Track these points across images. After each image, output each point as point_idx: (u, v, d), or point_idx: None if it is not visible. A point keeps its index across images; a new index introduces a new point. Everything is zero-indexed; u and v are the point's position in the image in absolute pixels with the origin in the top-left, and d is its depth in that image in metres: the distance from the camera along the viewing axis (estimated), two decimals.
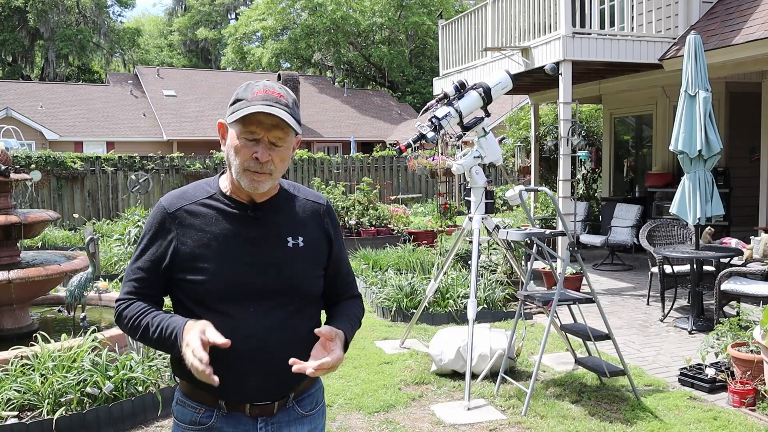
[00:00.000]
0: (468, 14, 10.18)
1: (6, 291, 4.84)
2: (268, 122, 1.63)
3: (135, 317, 1.69)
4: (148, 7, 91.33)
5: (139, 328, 1.68)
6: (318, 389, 1.87)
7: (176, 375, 1.80)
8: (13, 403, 3.72)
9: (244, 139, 1.65)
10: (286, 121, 1.63)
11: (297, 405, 1.78)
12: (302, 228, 1.77)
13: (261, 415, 1.72)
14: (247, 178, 1.66)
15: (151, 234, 1.73)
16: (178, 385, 1.81)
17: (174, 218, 1.70)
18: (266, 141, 1.65)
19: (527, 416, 4.09)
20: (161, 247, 1.70)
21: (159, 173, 15.42)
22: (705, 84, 5.87)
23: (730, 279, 5.74)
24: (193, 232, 1.68)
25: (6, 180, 5.12)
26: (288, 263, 1.69)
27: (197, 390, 1.72)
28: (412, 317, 5.88)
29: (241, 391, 1.69)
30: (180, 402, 1.77)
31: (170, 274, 1.69)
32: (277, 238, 1.72)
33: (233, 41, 38.32)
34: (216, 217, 1.70)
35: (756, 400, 4.13)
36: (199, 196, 1.74)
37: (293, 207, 1.79)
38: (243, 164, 1.65)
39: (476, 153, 5.08)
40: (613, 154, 11.71)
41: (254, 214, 1.72)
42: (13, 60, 38.68)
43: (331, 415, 4.15)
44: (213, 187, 1.76)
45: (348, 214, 11.10)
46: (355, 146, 25.94)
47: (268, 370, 1.67)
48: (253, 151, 1.64)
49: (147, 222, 1.76)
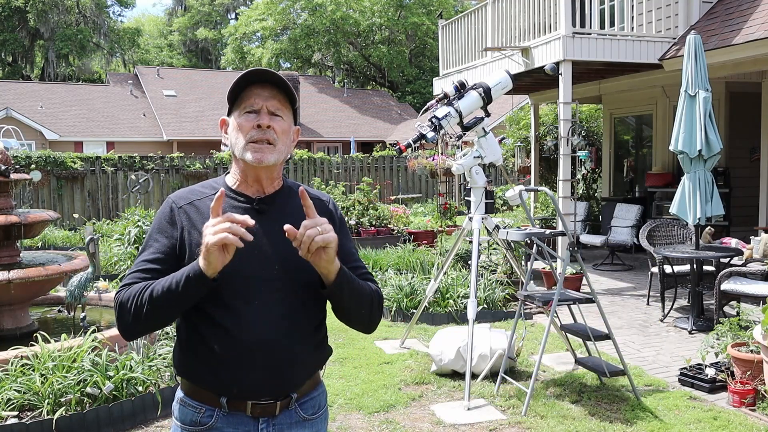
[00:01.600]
0: (468, 14, 10.18)
1: (6, 291, 4.84)
2: (265, 93, 1.72)
3: (140, 290, 1.63)
4: (148, 7, 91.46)
5: (145, 295, 1.61)
6: (321, 393, 1.85)
7: (178, 373, 1.79)
8: (13, 403, 3.72)
9: (245, 114, 1.72)
10: (281, 83, 1.71)
11: (299, 408, 1.76)
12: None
13: (263, 416, 1.71)
14: (250, 151, 1.70)
15: (158, 228, 1.75)
16: (179, 384, 1.80)
17: (182, 212, 1.74)
18: (266, 110, 1.71)
19: (527, 416, 4.09)
20: (170, 240, 1.72)
21: (159, 173, 15.42)
22: (705, 84, 5.87)
23: (730, 279, 5.74)
24: (200, 225, 1.68)
25: (6, 180, 5.12)
26: (293, 256, 1.67)
27: (199, 388, 1.71)
28: (412, 317, 5.88)
29: (243, 386, 1.67)
30: (181, 402, 1.76)
31: (177, 267, 1.67)
32: (281, 231, 1.69)
33: (233, 41, 38.34)
34: (223, 211, 1.69)
35: (756, 400, 4.13)
36: (206, 192, 1.79)
37: (297, 201, 1.76)
38: (246, 137, 1.71)
39: (476, 153, 5.08)
40: (613, 154, 11.72)
41: (260, 207, 1.74)
42: (13, 60, 38.70)
43: (331, 415, 4.14)
44: (220, 183, 1.80)
45: (348, 214, 11.09)
46: (355, 146, 25.94)
47: (271, 364, 1.67)
48: (255, 122, 1.70)
49: (156, 217, 1.79)
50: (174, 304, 1.62)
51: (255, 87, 1.72)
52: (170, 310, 1.64)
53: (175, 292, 1.58)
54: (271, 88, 1.73)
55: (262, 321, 1.66)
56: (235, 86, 1.73)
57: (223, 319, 1.65)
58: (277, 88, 1.74)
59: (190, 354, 1.73)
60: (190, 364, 1.73)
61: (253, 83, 1.73)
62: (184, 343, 1.74)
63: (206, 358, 1.68)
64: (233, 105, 1.76)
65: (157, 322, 1.68)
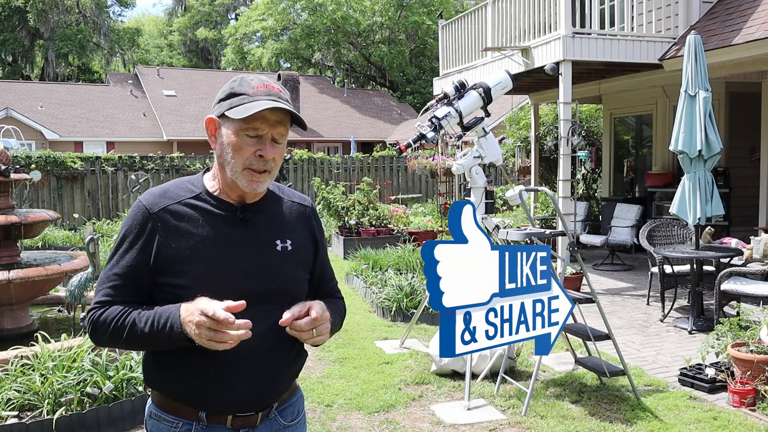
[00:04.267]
0: (468, 14, 10.18)
1: (6, 291, 4.84)
2: (273, 118, 1.58)
3: (117, 318, 1.55)
4: (148, 7, 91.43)
5: (124, 328, 1.54)
6: (299, 398, 1.80)
7: (150, 386, 1.69)
8: (13, 403, 3.72)
9: (245, 136, 1.57)
10: (296, 117, 1.60)
11: (279, 415, 1.71)
12: (290, 231, 1.71)
13: (243, 427, 1.64)
14: (246, 178, 1.59)
15: (131, 237, 1.60)
16: (149, 397, 1.71)
17: (157, 219, 1.59)
18: (270, 137, 1.59)
19: (527, 416, 4.09)
20: (143, 251, 1.58)
21: (159, 173, 15.41)
22: (705, 84, 5.87)
23: (730, 279, 5.74)
24: (177, 234, 1.58)
25: (6, 180, 5.12)
26: (276, 267, 1.63)
27: (174, 402, 1.63)
28: (412, 317, 5.88)
29: (225, 401, 1.61)
30: (154, 416, 1.66)
31: (152, 278, 1.59)
32: (265, 241, 1.65)
33: (233, 41, 38.31)
34: (202, 219, 1.61)
35: (756, 400, 4.13)
36: (182, 195, 1.64)
37: (280, 209, 1.73)
38: (244, 162, 1.58)
39: (476, 153, 5.08)
40: (613, 154, 11.72)
41: (243, 215, 1.64)
42: (13, 60, 38.69)
43: (331, 415, 4.15)
44: (197, 186, 1.67)
45: (348, 214, 11.09)
46: (355, 146, 25.93)
47: (255, 377, 1.61)
48: (257, 149, 1.57)
49: (125, 223, 1.63)
50: (152, 344, 1.57)
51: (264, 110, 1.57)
52: (148, 346, 1.60)
53: (155, 338, 1.53)
54: (279, 113, 1.58)
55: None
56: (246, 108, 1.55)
57: None
58: (284, 113, 1.59)
59: (166, 366, 1.63)
60: (166, 378, 1.64)
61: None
62: (160, 355, 1.63)
63: (185, 371, 1.60)
64: (229, 110, 1.58)
65: (132, 349, 1.65)
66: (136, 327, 1.54)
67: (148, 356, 1.69)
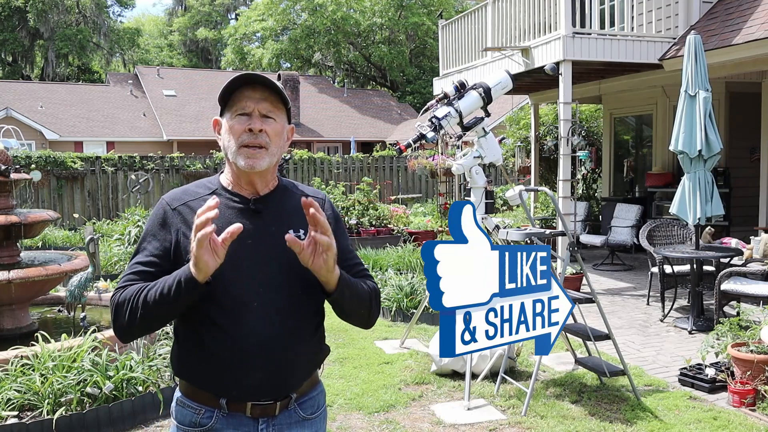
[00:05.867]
0: (468, 14, 10.18)
1: (6, 291, 4.84)
2: (257, 96, 1.70)
3: (135, 294, 1.61)
4: (148, 7, 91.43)
5: (140, 295, 1.60)
6: (320, 393, 1.85)
7: (176, 374, 1.79)
8: (13, 403, 3.72)
9: (237, 117, 1.70)
10: (271, 85, 1.69)
11: (299, 407, 1.77)
12: (303, 221, 1.72)
13: (262, 416, 1.71)
14: (243, 156, 1.69)
15: (153, 230, 1.73)
16: (177, 385, 1.80)
17: (176, 213, 1.72)
18: (257, 113, 1.70)
19: (527, 416, 4.09)
20: (163, 242, 1.70)
21: (159, 173, 15.41)
22: (705, 84, 5.87)
23: (730, 279, 5.74)
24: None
25: (6, 180, 5.12)
26: (290, 255, 1.66)
27: (198, 390, 1.71)
28: (412, 317, 5.88)
29: (243, 388, 1.67)
30: (179, 403, 1.75)
31: (172, 267, 1.66)
32: (278, 231, 1.70)
33: (233, 41, 38.30)
34: (218, 211, 1.69)
35: (756, 400, 4.13)
36: (201, 192, 1.76)
37: (293, 200, 1.77)
38: (238, 141, 1.69)
39: (476, 153, 5.08)
40: (613, 154, 11.72)
41: (256, 207, 1.73)
42: (13, 60, 38.69)
43: (331, 415, 4.15)
44: (214, 183, 1.79)
45: (348, 214, 11.09)
46: (355, 146, 25.92)
47: (270, 364, 1.66)
48: (246, 125, 1.69)
49: (149, 219, 1.77)
50: (167, 308, 1.61)
51: (246, 89, 1.70)
52: (164, 313, 1.63)
53: (167, 296, 1.57)
54: (263, 90, 1.71)
55: (261, 322, 1.66)
56: (225, 89, 1.72)
57: (223, 321, 1.64)
58: (268, 90, 1.71)
59: (188, 355, 1.72)
60: (188, 366, 1.73)
61: (244, 85, 1.71)
62: (183, 345, 1.73)
63: (205, 359, 1.67)
64: (225, 107, 1.75)
65: (152, 325, 1.66)
66: (152, 291, 1.60)
67: (174, 346, 1.78)
